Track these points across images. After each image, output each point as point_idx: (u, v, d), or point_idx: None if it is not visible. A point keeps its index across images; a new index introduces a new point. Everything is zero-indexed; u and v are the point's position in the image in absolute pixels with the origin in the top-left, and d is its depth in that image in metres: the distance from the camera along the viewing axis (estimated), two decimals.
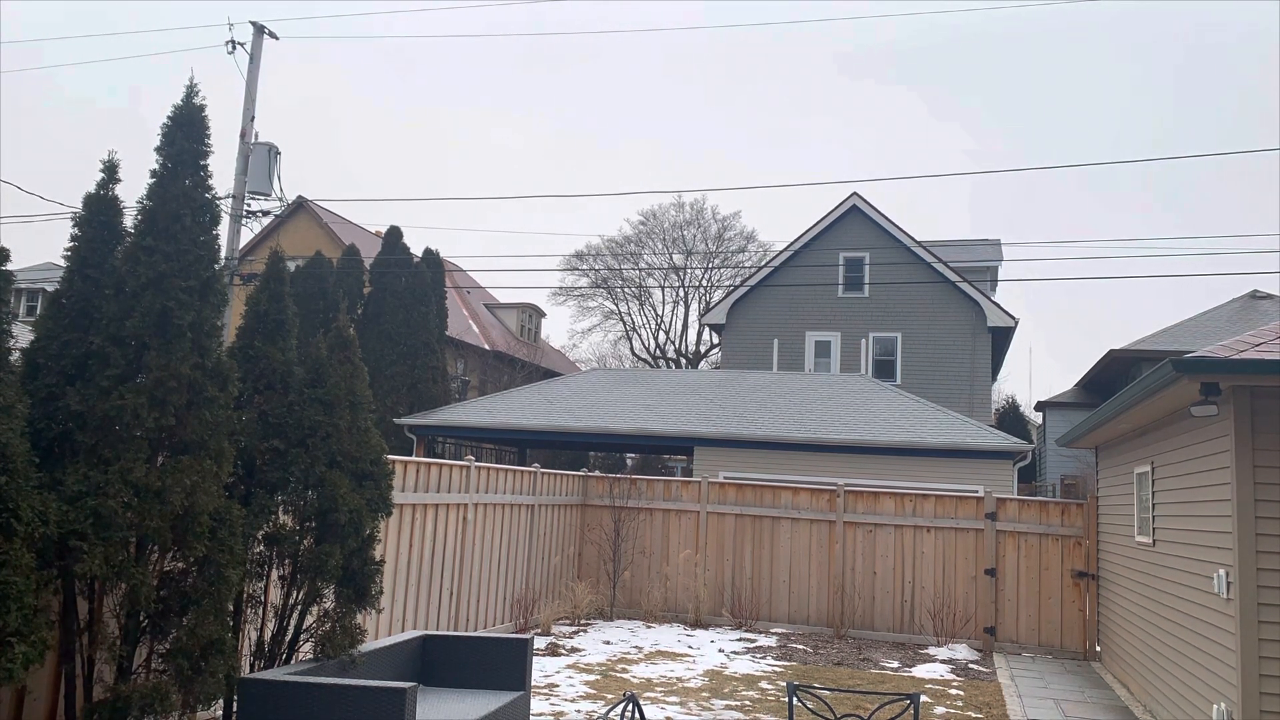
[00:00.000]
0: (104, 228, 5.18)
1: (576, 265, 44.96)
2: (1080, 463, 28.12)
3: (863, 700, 9.43)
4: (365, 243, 28.39)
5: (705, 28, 73.15)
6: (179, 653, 4.93)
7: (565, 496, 14.56)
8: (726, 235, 44.05)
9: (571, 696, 9.20)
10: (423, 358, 22.94)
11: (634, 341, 45.62)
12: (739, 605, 14.52)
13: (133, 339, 5.00)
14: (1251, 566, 6.70)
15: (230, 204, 17.41)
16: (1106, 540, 12.57)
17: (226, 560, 5.17)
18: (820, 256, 28.71)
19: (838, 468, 17.38)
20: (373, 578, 6.30)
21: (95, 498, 4.66)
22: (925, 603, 13.97)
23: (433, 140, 77.91)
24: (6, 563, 4.09)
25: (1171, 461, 8.84)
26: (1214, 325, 26.41)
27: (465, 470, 11.29)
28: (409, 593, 10.02)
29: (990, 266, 34.15)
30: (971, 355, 27.38)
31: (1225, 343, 7.01)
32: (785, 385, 21.62)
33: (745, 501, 14.88)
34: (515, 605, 12.77)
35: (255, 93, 17.89)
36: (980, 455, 17.23)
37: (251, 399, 6.00)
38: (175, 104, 5.42)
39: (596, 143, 75.26)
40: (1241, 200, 70.02)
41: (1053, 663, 12.80)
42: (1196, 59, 71.67)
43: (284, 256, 6.64)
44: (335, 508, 6.04)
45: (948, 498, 14.17)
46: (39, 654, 4.20)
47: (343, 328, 6.67)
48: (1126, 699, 10.41)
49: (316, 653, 5.98)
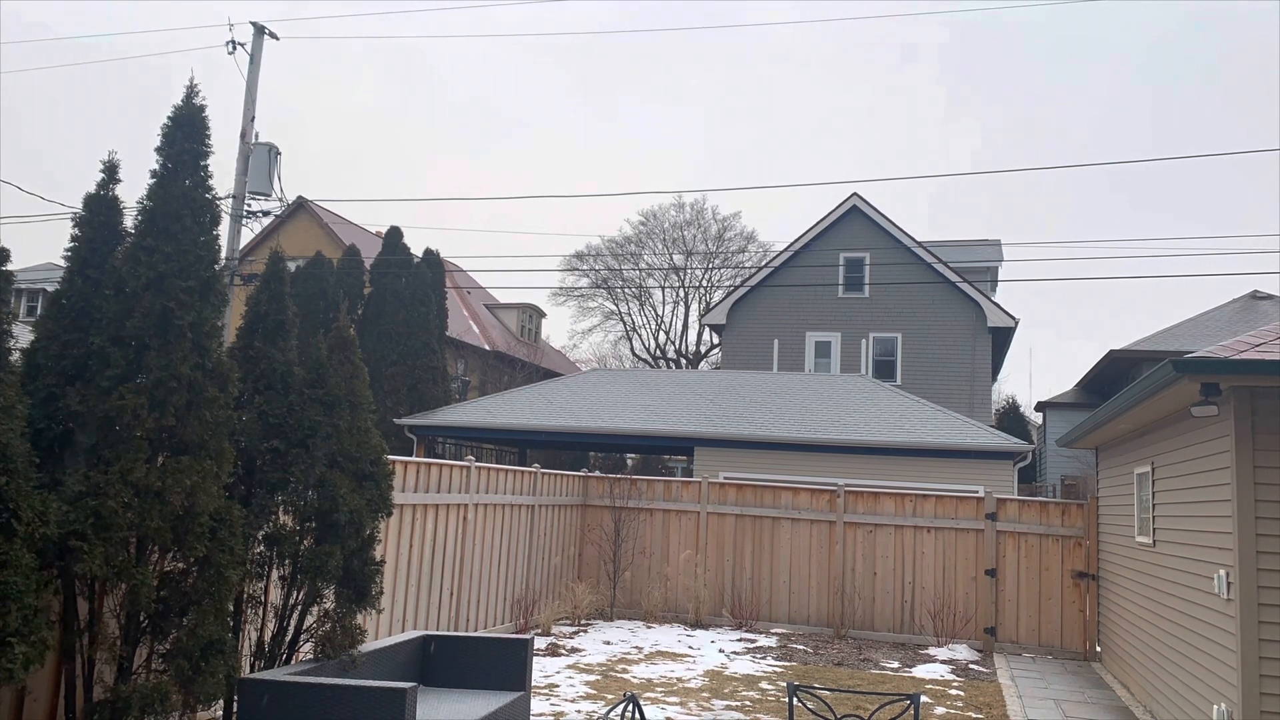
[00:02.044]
0: (104, 228, 5.18)
1: (576, 265, 45.00)
2: (1080, 463, 28.12)
3: (863, 700, 9.43)
4: (366, 243, 28.39)
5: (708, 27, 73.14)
6: (179, 653, 4.93)
7: (565, 497, 14.56)
8: (727, 235, 44.09)
9: (572, 697, 9.21)
10: (423, 358, 22.94)
11: (634, 342, 45.66)
12: (739, 605, 14.52)
13: (133, 339, 5.00)
14: (1252, 567, 6.70)
15: (230, 204, 17.42)
16: (1107, 541, 12.57)
17: (227, 560, 5.17)
18: (820, 257, 28.71)
19: (838, 468, 17.37)
20: (373, 578, 6.30)
21: (95, 498, 4.66)
22: (925, 603, 13.97)
23: (433, 140, 77.96)
24: (7, 563, 4.09)
25: (1172, 462, 8.84)
26: (1214, 325, 26.41)
27: (465, 470, 11.29)
28: (409, 593, 10.02)
29: (990, 267, 34.16)
30: (972, 355, 27.37)
31: (1225, 343, 7.00)
32: (785, 385, 21.61)
33: (745, 502, 14.87)
34: (515, 605, 12.77)
35: (255, 93, 17.90)
36: (980, 455, 17.23)
37: (252, 399, 6.00)
38: (175, 104, 5.42)
39: (597, 143, 75.29)
40: (1241, 200, 70.02)
41: (1053, 663, 12.79)
42: (1197, 59, 71.69)
43: (284, 257, 6.64)
44: (335, 508, 6.04)
45: (948, 498, 14.17)
46: (39, 654, 4.20)
47: (343, 328, 6.68)
48: (1127, 699, 10.41)
49: (317, 653, 5.98)
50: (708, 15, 63.87)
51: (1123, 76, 72.17)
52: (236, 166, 17.75)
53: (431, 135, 77.29)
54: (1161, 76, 73.40)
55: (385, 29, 70.04)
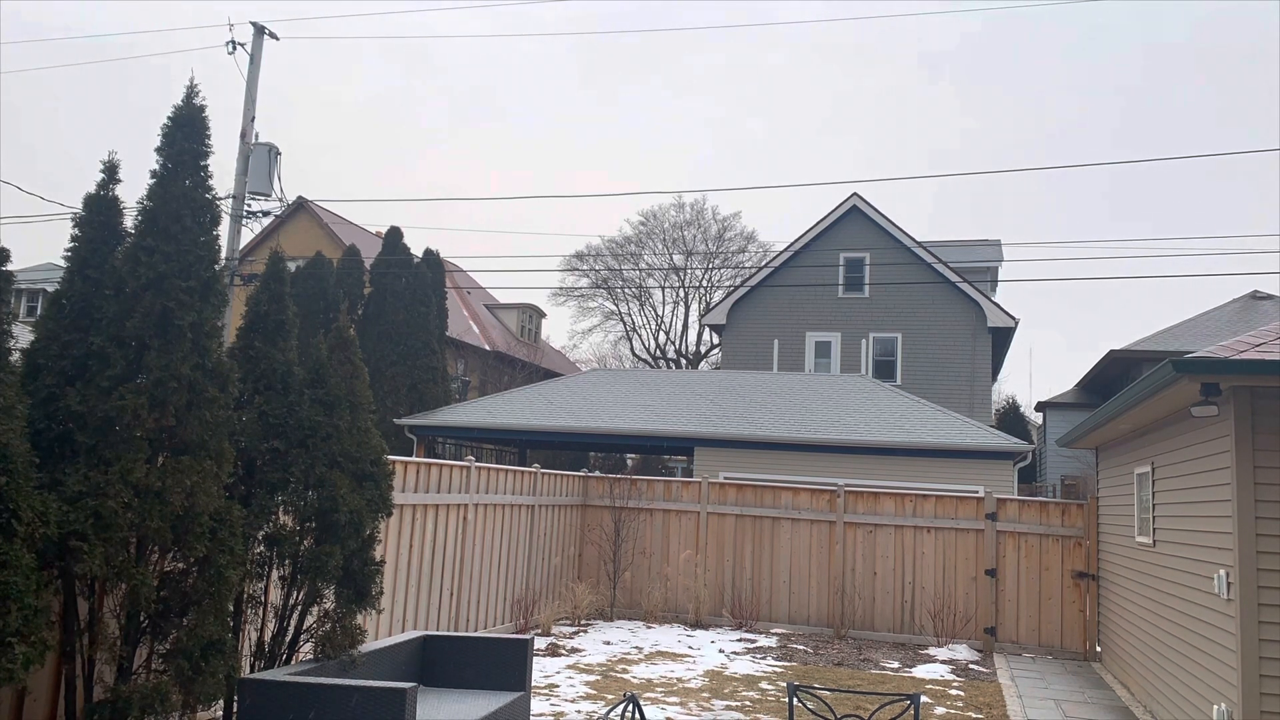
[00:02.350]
0: (104, 228, 5.18)
1: (577, 266, 45.01)
2: (1081, 463, 28.13)
3: (863, 701, 9.43)
4: (366, 243, 28.39)
5: (713, 28, 73.14)
6: (179, 653, 4.93)
7: (565, 497, 14.56)
8: (727, 235, 44.10)
9: (572, 697, 9.20)
10: (423, 358, 22.94)
11: (634, 342, 45.67)
12: (739, 606, 14.52)
13: (133, 339, 5.00)
14: (1252, 567, 6.70)
15: (230, 204, 17.43)
16: (1107, 541, 12.57)
17: (227, 561, 5.17)
18: (820, 257, 28.71)
19: (838, 468, 17.38)
20: (373, 578, 6.30)
21: (96, 498, 4.66)
22: (925, 603, 13.97)
23: (432, 141, 77.97)
24: (7, 563, 4.09)
25: (1172, 462, 8.84)
26: (1214, 325, 26.42)
27: (465, 471, 11.29)
28: (409, 593, 10.02)
29: (991, 267, 34.17)
30: (972, 355, 27.37)
31: (1225, 343, 7.00)
32: (785, 385, 21.61)
33: (745, 502, 14.87)
34: (515, 606, 12.77)
35: (255, 93, 17.90)
36: (980, 455, 17.23)
37: (252, 399, 6.00)
38: (176, 104, 5.42)
39: (597, 141, 75.31)
40: (1242, 200, 70.04)
41: (1053, 663, 12.79)
42: (1197, 58, 71.71)
43: (284, 257, 6.65)
44: (335, 508, 6.04)
45: (948, 498, 14.17)
46: (39, 654, 4.19)
47: (343, 328, 6.68)
48: (1127, 699, 10.41)
49: (317, 653, 5.98)
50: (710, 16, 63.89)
51: (1123, 76, 72.22)
52: (236, 166, 17.75)
53: (431, 135, 77.33)
54: (1162, 76, 73.44)
55: (385, 29, 70.06)
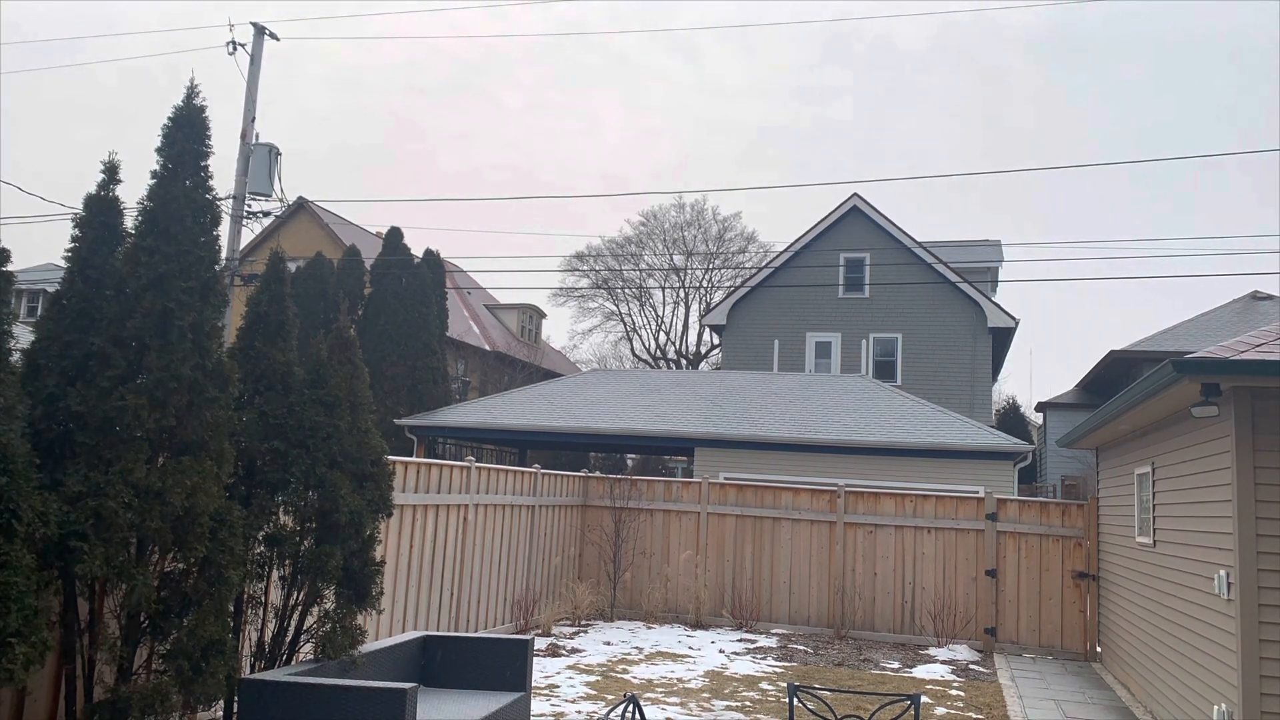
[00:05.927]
0: (105, 228, 5.18)
1: (577, 266, 45.02)
2: (1081, 463, 28.14)
3: (863, 701, 9.43)
4: (366, 243, 28.40)
5: (714, 27, 73.16)
6: (179, 653, 4.93)
7: (566, 497, 14.56)
8: (727, 236, 44.11)
9: (572, 697, 9.20)
10: (423, 358, 22.95)
11: (634, 342, 45.67)
12: (739, 606, 14.52)
13: (133, 340, 5.00)
14: (1252, 567, 6.70)
15: (231, 204, 17.43)
16: (1107, 541, 12.56)
17: (227, 561, 5.17)
18: (821, 257, 28.71)
19: (838, 468, 17.37)
20: (373, 578, 6.30)
21: (96, 498, 4.66)
22: (926, 603, 13.97)
23: (433, 140, 77.97)
24: (7, 563, 4.09)
25: (1172, 462, 8.84)
26: (1214, 325, 26.42)
27: (466, 471, 11.29)
28: (409, 594, 10.02)
29: (991, 267, 34.16)
30: (972, 356, 27.37)
31: (1225, 343, 7.01)
32: (786, 386, 21.61)
33: (746, 502, 14.87)
34: (516, 606, 12.77)
35: (256, 93, 17.90)
36: (981, 456, 17.23)
37: (252, 400, 6.00)
38: (176, 105, 5.42)
39: (597, 141, 75.31)
40: (1241, 200, 70.04)
41: (1053, 663, 12.79)
42: (1197, 58, 71.70)
43: (284, 257, 6.64)
44: (336, 508, 6.04)
45: (948, 498, 14.17)
46: (39, 655, 4.19)
47: (343, 328, 6.68)
48: (1127, 700, 10.41)
49: (317, 653, 5.98)
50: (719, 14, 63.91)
51: (1124, 76, 72.22)
52: (237, 167, 17.75)
53: (432, 134, 77.34)
54: (1162, 76, 73.43)
55: (385, 29, 70.08)
